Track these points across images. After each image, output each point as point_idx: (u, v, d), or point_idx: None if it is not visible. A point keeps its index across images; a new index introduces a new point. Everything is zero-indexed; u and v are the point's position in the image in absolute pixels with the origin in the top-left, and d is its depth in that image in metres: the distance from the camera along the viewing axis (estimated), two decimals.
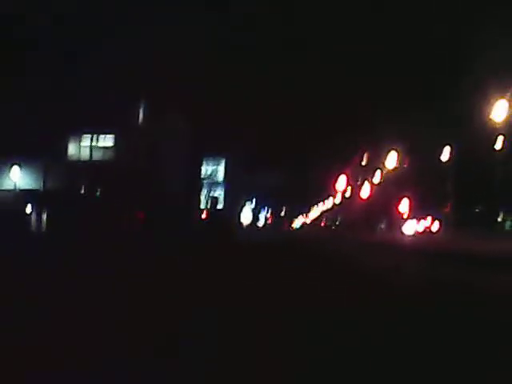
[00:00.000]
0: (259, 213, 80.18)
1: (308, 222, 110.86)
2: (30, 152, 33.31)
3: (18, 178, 34.63)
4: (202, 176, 51.09)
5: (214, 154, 53.78)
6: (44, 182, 33.86)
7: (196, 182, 45.50)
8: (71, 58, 33.78)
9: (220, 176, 58.59)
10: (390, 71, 47.51)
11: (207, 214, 47.93)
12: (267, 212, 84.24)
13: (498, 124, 32.43)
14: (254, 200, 72.24)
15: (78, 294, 7.69)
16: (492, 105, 31.61)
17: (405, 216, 53.25)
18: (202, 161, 47.93)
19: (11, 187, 33.54)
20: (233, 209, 58.46)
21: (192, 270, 12.43)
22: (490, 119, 32.20)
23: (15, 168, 34.95)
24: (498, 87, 32.51)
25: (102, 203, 30.12)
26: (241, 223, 62.33)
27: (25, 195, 30.16)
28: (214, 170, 57.36)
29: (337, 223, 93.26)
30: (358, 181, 68.79)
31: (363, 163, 70.71)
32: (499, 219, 53.52)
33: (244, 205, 66.08)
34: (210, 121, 39.90)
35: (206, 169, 54.43)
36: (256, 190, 69.02)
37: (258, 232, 60.65)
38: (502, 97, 31.35)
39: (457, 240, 32.41)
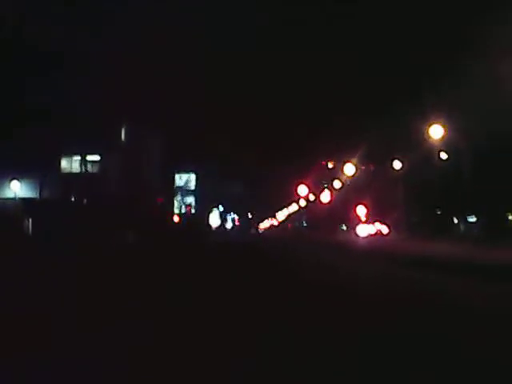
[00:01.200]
0: (227, 217, 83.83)
1: (275, 224, 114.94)
2: (28, 167, 36.60)
3: (18, 189, 38.19)
4: (176, 185, 55.24)
5: (186, 167, 57.94)
6: (40, 193, 37.28)
7: (170, 191, 49.49)
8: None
9: (192, 185, 62.76)
10: (350, 88, 50.31)
11: (180, 218, 52.04)
12: (234, 216, 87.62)
13: (437, 142, 36.89)
14: (221, 206, 75.68)
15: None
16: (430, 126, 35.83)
17: (361, 219, 56.82)
18: (174, 172, 51.97)
19: (11, 197, 36.61)
20: (203, 214, 62.49)
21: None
22: (430, 137, 36.53)
23: (15, 181, 38.39)
24: (435, 111, 36.41)
25: (90, 211, 33.51)
26: (210, 226, 65.99)
27: (23, 204, 33.21)
28: (187, 179, 61.57)
29: (302, 225, 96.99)
30: (322, 186, 71.53)
31: (329, 168, 74.13)
32: (455, 222, 56.91)
33: (212, 211, 69.56)
34: (183, 138, 43.74)
35: (180, 179, 58.69)
36: (224, 196, 72.52)
37: (225, 233, 64.52)
38: (436, 122, 35.41)
39: (402, 242, 35.82)
